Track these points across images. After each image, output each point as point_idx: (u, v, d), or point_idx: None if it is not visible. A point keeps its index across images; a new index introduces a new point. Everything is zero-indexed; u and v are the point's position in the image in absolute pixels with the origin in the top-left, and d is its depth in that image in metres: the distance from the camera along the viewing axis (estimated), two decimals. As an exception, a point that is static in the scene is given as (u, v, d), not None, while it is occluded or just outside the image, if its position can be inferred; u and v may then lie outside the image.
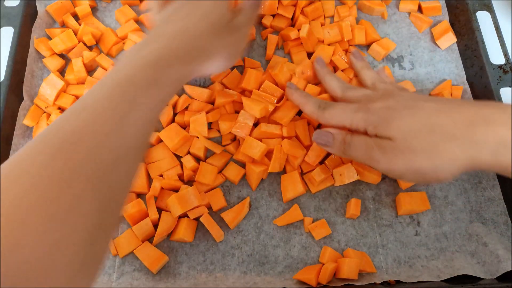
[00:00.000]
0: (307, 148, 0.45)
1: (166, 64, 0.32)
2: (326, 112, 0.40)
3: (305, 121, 0.46)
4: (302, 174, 0.46)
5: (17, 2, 0.51)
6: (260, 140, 0.45)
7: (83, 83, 0.49)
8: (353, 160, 0.44)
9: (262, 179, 0.46)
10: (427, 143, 0.32)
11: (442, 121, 0.33)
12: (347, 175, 0.44)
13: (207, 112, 0.46)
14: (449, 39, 0.53)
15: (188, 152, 0.46)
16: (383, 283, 0.41)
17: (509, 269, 0.41)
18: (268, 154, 0.46)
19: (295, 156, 0.44)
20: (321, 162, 0.46)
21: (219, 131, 0.47)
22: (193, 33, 0.35)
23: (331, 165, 0.45)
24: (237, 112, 0.47)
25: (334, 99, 0.45)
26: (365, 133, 0.37)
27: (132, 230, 0.42)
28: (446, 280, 0.41)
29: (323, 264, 0.42)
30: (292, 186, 0.44)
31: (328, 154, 0.46)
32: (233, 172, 0.45)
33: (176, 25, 0.36)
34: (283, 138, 0.45)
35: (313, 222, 0.44)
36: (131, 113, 0.28)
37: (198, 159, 0.46)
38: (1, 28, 0.50)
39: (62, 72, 0.51)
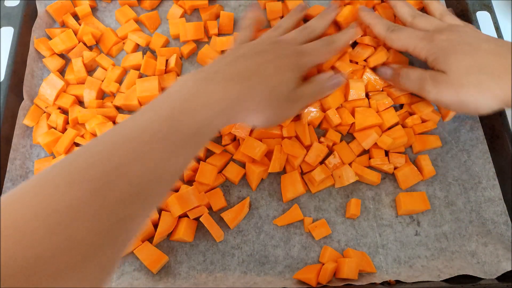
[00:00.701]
0: (307, 148, 0.45)
1: (213, 114, 0.32)
2: (394, 34, 0.43)
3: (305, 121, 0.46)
4: (302, 174, 0.46)
5: (17, 2, 0.51)
6: (260, 140, 0.45)
7: (83, 83, 0.49)
8: (405, 90, 0.46)
9: (262, 179, 0.46)
10: (476, 80, 0.37)
11: (492, 63, 0.37)
12: (345, 176, 0.44)
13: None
14: None
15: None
16: (383, 283, 0.41)
17: (509, 269, 0.41)
18: (268, 154, 0.46)
19: (295, 156, 0.44)
20: (321, 162, 0.46)
21: (219, 131, 0.47)
22: (250, 90, 0.35)
23: (331, 165, 0.45)
24: None
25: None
26: (425, 61, 0.42)
27: None
28: (446, 280, 0.41)
29: (323, 264, 0.42)
30: (292, 186, 0.44)
31: (328, 154, 0.46)
32: (233, 172, 0.45)
33: (240, 72, 0.36)
34: (283, 138, 0.45)
35: (313, 222, 0.44)
36: (168, 161, 0.28)
37: (198, 159, 0.46)
38: (1, 28, 0.50)
39: (62, 72, 0.51)
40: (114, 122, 0.47)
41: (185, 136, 0.29)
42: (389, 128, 0.46)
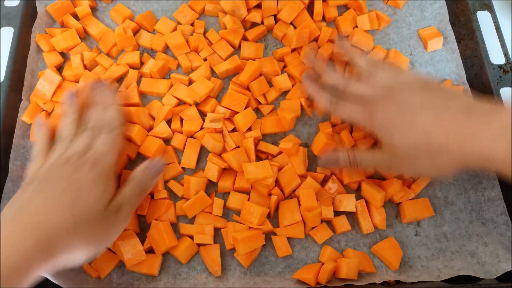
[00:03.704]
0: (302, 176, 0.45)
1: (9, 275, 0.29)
2: (336, 108, 0.44)
3: (305, 150, 0.46)
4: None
5: (17, 2, 0.51)
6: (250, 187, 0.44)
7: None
8: (362, 171, 0.45)
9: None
10: (427, 156, 0.37)
11: (437, 137, 0.36)
12: (345, 203, 0.43)
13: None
14: (436, 44, 0.53)
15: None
16: (383, 283, 0.41)
17: (509, 269, 0.41)
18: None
19: (287, 186, 0.44)
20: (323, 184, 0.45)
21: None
22: (46, 231, 0.32)
23: (331, 191, 0.45)
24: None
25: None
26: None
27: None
28: (446, 280, 0.41)
29: (323, 264, 0.42)
30: (290, 214, 0.43)
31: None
32: (237, 202, 0.44)
33: (30, 215, 0.32)
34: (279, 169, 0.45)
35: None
36: None
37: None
38: (1, 28, 0.50)
39: (60, 69, 0.51)
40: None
41: None
42: None
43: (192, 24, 0.53)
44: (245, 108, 0.47)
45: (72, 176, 0.35)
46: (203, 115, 0.48)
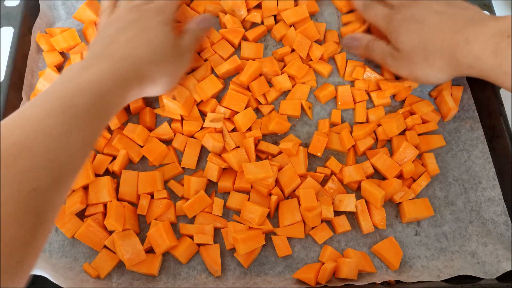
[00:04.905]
0: (302, 176, 0.45)
1: (106, 90, 0.34)
2: (367, 11, 0.49)
3: (305, 150, 0.46)
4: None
5: (17, 2, 0.51)
6: (250, 186, 0.44)
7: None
8: (371, 59, 0.50)
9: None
10: (423, 57, 0.43)
11: (435, 40, 0.41)
12: (346, 203, 0.43)
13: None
14: None
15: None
16: (383, 283, 0.41)
17: (509, 269, 0.41)
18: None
19: (289, 185, 0.44)
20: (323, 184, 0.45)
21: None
22: (136, 60, 0.38)
23: (331, 191, 0.45)
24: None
25: None
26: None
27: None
28: (446, 280, 0.41)
29: (323, 263, 0.42)
30: (290, 214, 0.43)
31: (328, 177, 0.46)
32: (237, 202, 0.44)
33: (119, 49, 0.39)
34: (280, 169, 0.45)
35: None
36: (70, 134, 0.30)
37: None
38: (1, 28, 0.50)
39: (60, 69, 0.51)
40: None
41: (80, 112, 0.32)
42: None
43: (192, 24, 0.53)
44: (245, 108, 0.47)
45: (141, 21, 0.42)
46: (203, 115, 0.48)
